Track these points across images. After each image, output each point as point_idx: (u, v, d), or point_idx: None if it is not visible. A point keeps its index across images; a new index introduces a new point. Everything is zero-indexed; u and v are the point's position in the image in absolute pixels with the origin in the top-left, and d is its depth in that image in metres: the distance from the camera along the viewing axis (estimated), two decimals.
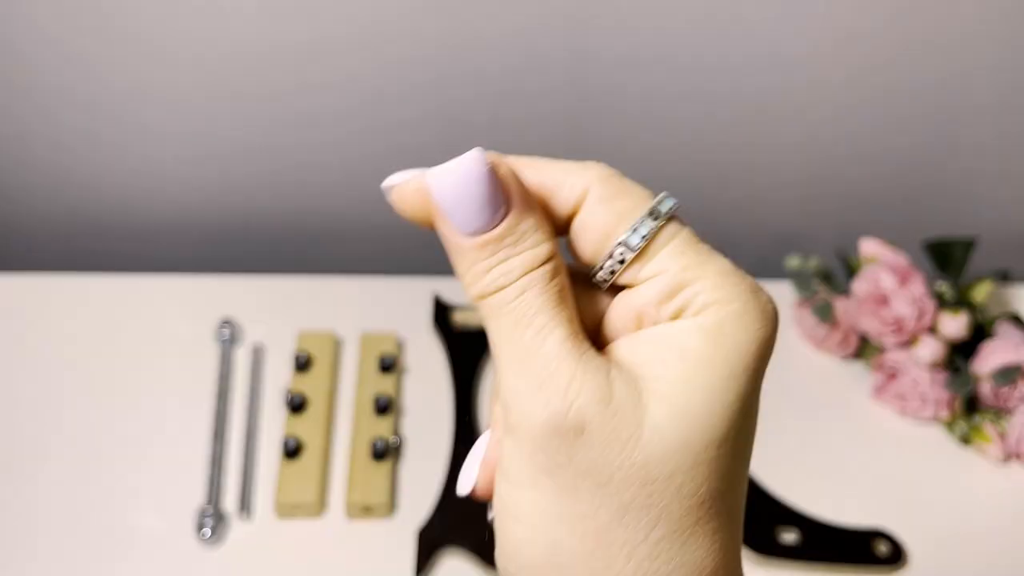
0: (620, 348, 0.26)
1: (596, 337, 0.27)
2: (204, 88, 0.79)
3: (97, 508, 0.67)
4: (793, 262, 0.80)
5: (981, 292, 0.79)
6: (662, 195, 0.26)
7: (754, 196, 0.90)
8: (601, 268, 0.26)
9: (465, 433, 0.72)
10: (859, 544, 0.68)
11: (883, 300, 0.75)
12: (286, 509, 0.66)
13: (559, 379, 0.24)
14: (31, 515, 0.66)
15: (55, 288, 0.81)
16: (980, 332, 0.78)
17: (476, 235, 0.25)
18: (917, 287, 0.75)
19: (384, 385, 0.73)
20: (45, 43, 0.75)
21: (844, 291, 0.80)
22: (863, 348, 0.81)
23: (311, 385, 0.72)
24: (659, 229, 0.25)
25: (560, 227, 0.27)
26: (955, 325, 0.74)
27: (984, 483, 0.74)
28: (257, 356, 0.77)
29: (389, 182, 0.26)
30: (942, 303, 0.76)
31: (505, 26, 0.75)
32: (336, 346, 0.77)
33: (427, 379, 0.77)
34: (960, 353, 0.76)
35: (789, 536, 0.68)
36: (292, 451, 0.68)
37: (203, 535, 0.65)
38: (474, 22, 0.75)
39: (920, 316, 0.74)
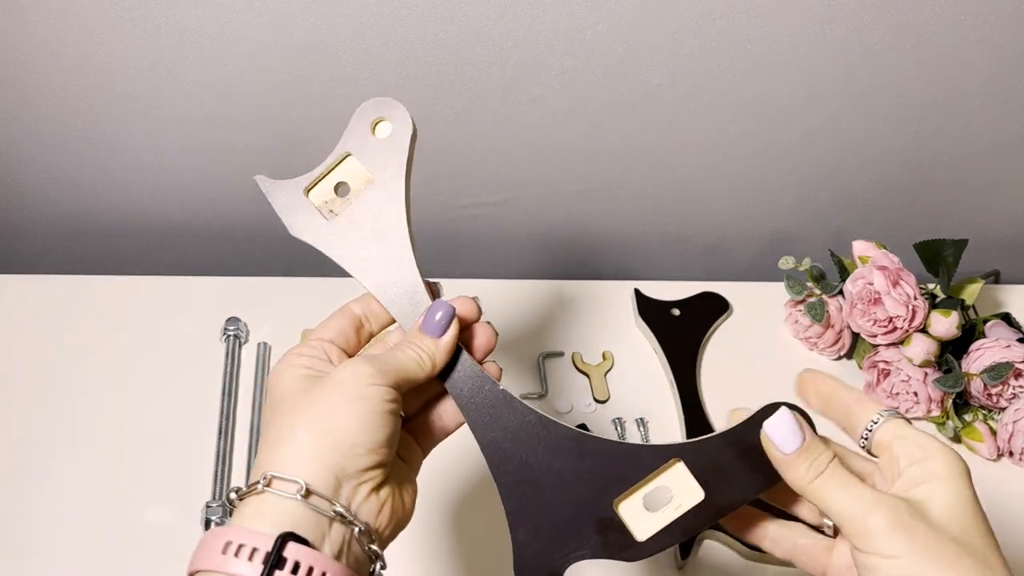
0: (891, 491, 0.43)
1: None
2: (211, 92, 0.80)
3: (107, 502, 0.68)
4: (787, 263, 0.81)
5: (971, 292, 0.80)
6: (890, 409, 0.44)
7: (748, 198, 0.91)
8: (861, 440, 0.44)
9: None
10: None
11: (875, 300, 0.76)
12: None
13: (874, 500, 0.41)
14: (43, 509, 0.68)
15: (66, 289, 0.83)
16: (971, 331, 0.79)
17: (795, 452, 0.43)
18: (908, 287, 0.76)
19: None
20: (51, 48, 0.76)
21: (837, 291, 0.81)
22: (855, 347, 0.83)
23: None
24: (887, 420, 0.44)
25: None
26: (946, 324, 0.75)
27: (975, 480, 0.74)
28: (263, 354, 0.78)
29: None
30: (933, 303, 0.77)
31: (505, 32, 0.76)
32: None
33: None
34: (951, 352, 0.77)
35: None
36: None
37: (210, 528, 0.66)
38: (477, 28, 0.76)
39: (912, 316, 0.75)
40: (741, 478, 0.44)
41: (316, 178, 0.52)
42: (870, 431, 0.44)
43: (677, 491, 0.44)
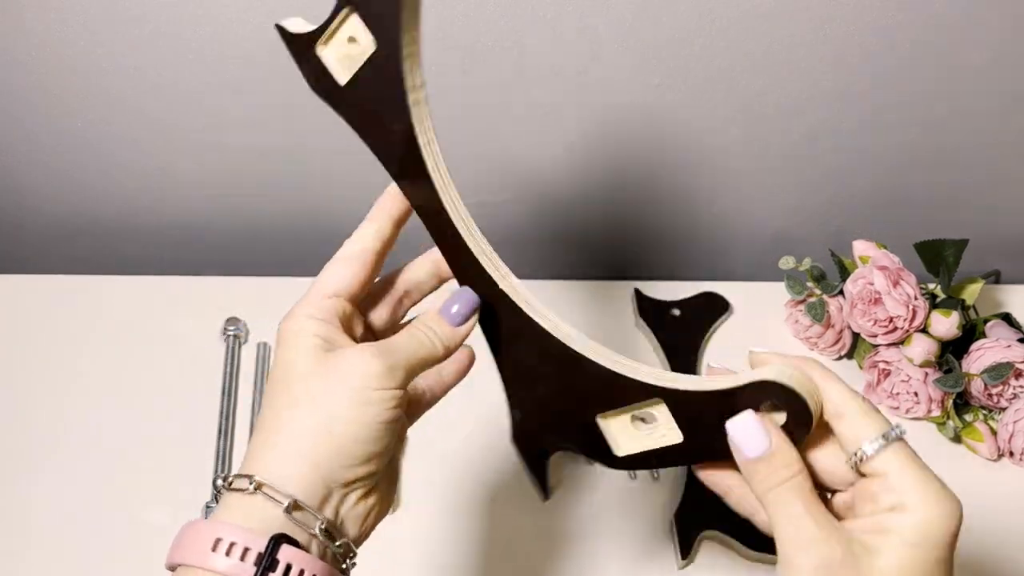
0: (854, 524, 0.39)
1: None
2: (211, 92, 0.80)
3: (106, 503, 0.68)
4: (787, 263, 0.81)
5: (972, 292, 0.80)
6: (896, 425, 0.40)
7: (749, 198, 0.91)
8: (851, 457, 0.40)
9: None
10: None
11: (875, 300, 0.76)
12: None
13: (814, 534, 0.38)
14: (42, 510, 0.68)
15: (66, 289, 0.83)
16: (971, 331, 0.79)
17: (757, 457, 0.40)
18: (909, 287, 0.76)
19: None
20: (51, 48, 0.76)
21: (837, 291, 0.81)
22: (855, 347, 0.83)
23: None
24: (889, 444, 0.39)
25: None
26: (946, 324, 0.75)
27: (975, 480, 0.75)
28: (263, 355, 0.78)
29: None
30: (934, 303, 0.77)
31: (505, 32, 0.76)
32: None
33: None
34: (952, 352, 0.77)
35: None
36: None
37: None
38: (477, 28, 0.76)
39: (912, 316, 0.75)
40: (720, 436, 0.42)
41: (328, 33, 0.48)
42: (867, 454, 0.39)
43: (662, 422, 0.45)
